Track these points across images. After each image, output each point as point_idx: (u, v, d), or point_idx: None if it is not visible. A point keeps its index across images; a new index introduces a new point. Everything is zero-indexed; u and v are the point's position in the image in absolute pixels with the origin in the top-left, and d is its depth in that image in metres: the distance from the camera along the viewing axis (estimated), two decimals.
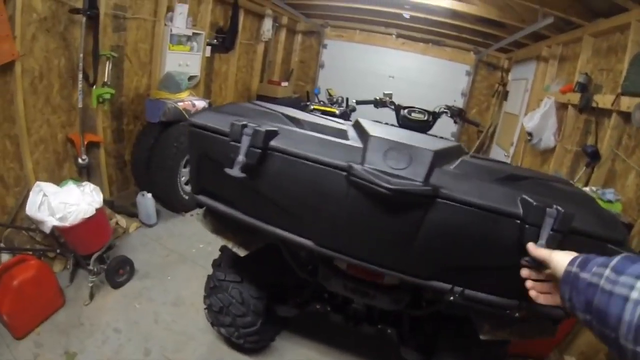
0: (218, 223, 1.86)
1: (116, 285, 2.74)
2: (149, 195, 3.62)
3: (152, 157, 3.75)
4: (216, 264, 2.23)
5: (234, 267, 2.13)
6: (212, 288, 2.16)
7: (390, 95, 3.22)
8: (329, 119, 1.93)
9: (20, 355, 2.12)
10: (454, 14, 4.81)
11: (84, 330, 2.35)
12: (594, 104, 3.17)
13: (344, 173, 1.29)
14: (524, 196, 1.23)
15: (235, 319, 2.14)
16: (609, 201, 2.57)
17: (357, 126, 1.73)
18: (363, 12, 5.93)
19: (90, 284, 2.58)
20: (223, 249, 2.24)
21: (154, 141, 3.77)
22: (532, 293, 0.97)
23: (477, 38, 5.84)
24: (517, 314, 1.40)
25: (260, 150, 1.35)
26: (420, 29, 6.26)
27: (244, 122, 1.38)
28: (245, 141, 1.36)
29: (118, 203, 3.70)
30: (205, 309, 2.28)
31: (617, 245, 1.24)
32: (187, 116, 3.72)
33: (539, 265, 0.97)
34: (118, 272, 2.76)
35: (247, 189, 1.47)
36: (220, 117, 1.53)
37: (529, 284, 0.98)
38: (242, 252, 1.84)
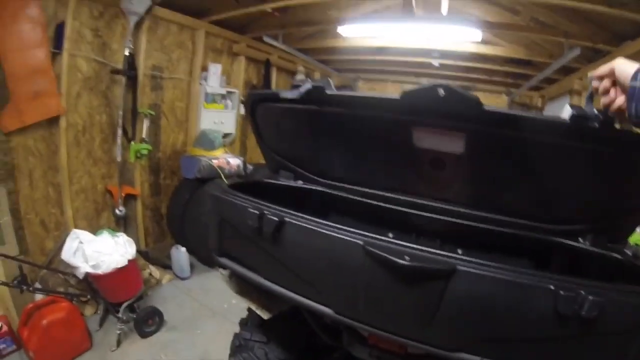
0: (242, 285, 1.85)
1: (144, 335, 2.70)
2: (183, 249, 3.64)
3: (188, 212, 3.81)
4: (243, 323, 2.17)
5: (261, 327, 2.07)
6: (237, 347, 2.08)
7: None
8: None
9: None
10: (482, 57, 4.82)
11: None
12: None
13: (361, 243, 1.22)
14: None
15: None
16: None
17: None
18: (393, 64, 6.08)
19: (119, 331, 2.56)
20: (250, 308, 2.18)
21: (189, 196, 3.85)
22: (604, 101, 0.99)
23: (507, 79, 5.78)
24: None
25: (277, 219, 1.33)
26: (450, 76, 6.28)
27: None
28: None
29: (153, 254, 3.73)
30: None
31: None
32: (221, 173, 3.82)
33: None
34: (147, 322, 2.73)
35: (265, 255, 1.45)
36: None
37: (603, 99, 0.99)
38: (265, 315, 1.82)
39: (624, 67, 0.89)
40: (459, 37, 4.23)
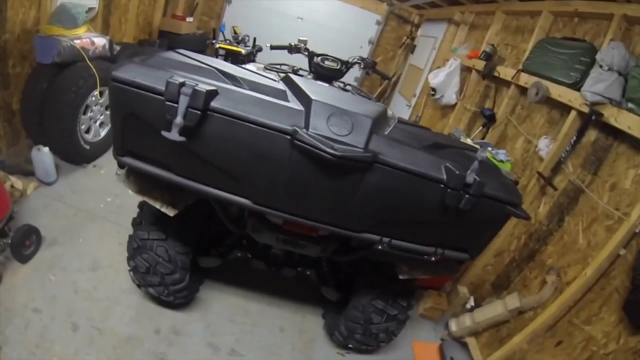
0: (144, 183, 1.76)
1: (24, 260, 2.43)
2: (46, 149, 3.22)
3: (46, 104, 3.30)
4: (136, 223, 2.12)
5: (157, 225, 2.06)
6: (135, 249, 2.07)
7: (305, 42, 3.19)
8: (264, 76, 1.90)
9: None
10: None
11: (0, 317, 2.07)
12: (496, 74, 3.53)
13: (288, 137, 1.34)
14: (448, 164, 1.46)
15: (163, 277, 2.11)
16: (501, 160, 2.97)
17: (292, 85, 1.73)
18: None
19: None
20: (142, 206, 2.13)
21: (47, 86, 3.30)
22: None
23: None
24: (433, 258, 1.71)
25: (200, 112, 1.30)
26: None
27: (182, 81, 1.29)
28: (183, 101, 1.28)
29: (10, 162, 3.23)
30: (129, 270, 2.20)
31: (514, 207, 1.56)
32: (85, 56, 3.32)
33: None
34: (24, 244, 2.42)
35: (183, 151, 1.41)
36: (150, 73, 1.40)
37: None
38: (171, 212, 1.79)
39: None
40: None
